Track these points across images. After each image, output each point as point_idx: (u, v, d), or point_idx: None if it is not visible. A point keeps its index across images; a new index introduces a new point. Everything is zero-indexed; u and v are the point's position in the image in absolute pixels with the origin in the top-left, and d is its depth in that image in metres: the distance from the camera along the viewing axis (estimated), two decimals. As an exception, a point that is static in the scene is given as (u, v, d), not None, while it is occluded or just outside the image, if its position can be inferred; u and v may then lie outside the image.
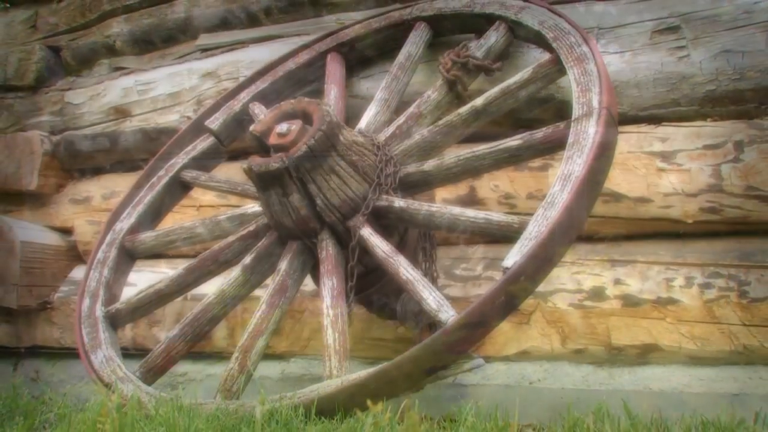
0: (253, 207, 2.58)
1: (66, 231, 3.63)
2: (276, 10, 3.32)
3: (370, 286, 2.37)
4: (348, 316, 2.15)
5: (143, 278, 3.18)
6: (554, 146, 2.14)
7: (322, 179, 2.17)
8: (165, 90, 3.41)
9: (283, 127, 2.25)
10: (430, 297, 1.95)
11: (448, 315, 1.87)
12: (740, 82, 2.34)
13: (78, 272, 3.53)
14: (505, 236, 2.02)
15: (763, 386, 2.22)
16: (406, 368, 1.83)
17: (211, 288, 2.47)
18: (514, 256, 1.84)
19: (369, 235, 2.17)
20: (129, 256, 2.86)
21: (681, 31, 2.43)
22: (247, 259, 2.38)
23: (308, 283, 2.64)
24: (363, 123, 2.53)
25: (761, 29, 2.33)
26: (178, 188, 2.99)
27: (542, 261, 1.84)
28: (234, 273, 2.38)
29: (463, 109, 2.37)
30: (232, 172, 3.08)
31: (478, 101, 2.36)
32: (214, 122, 2.97)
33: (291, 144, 2.17)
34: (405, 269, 2.05)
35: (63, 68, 3.92)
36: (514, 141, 2.19)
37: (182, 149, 3.01)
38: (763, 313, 2.23)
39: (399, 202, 2.21)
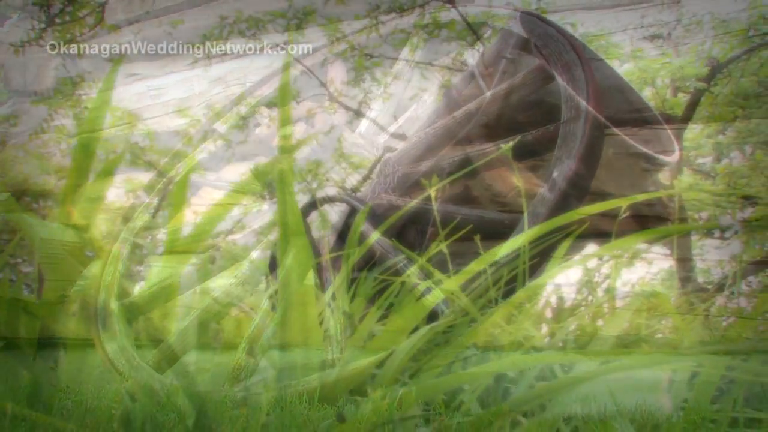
0: (259, 206, 2.58)
1: (82, 228, 3.63)
2: (281, 20, 3.31)
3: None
4: (349, 308, 2.15)
5: (156, 273, 3.18)
6: (544, 147, 2.14)
7: (326, 179, 2.17)
8: (176, 95, 3.41)
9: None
10: (426, 290, 1.95)
11: (442, 308, 1.88)
12: (721, 88, 2.34)
13: (94, 267, 3.53)
14: (498, 232, 2.02)
15: (741, 374, 2.21)
16: (404, 358, 1.83)
17: (220, 282, 2.47)
18: (505, 250, 1.84)
19: (368, 231, 2.17)
20: (142, 253, 2.86)
21: (664, 39, 2.43)
22: (254, 255, 2.38)
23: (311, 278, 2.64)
24: (363, 126, 2.53)
25: (741, 37, 2.32)
26: (190, 188, 2.98)
27: (532, 255, 1.84)
28: (242, 267, 2.38)
29: (458, 113, 2.37)
30: (240, 172, 3.08)
31: (472, 105, 2.36)
32: (223, 125, 2.97)
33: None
34: (402, 263, 2.05)
35: (79, 74, 3.91)
36: (505, 143, 2.19)
37: (193, 151, 3.01)
38: (742, 305, 2.23)
39: (397, 200, 2.21)
